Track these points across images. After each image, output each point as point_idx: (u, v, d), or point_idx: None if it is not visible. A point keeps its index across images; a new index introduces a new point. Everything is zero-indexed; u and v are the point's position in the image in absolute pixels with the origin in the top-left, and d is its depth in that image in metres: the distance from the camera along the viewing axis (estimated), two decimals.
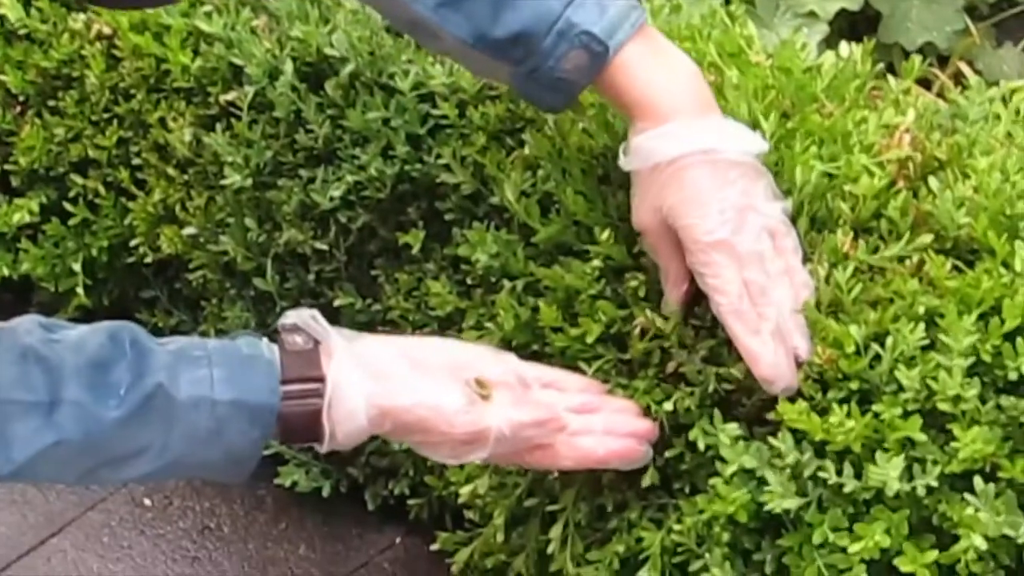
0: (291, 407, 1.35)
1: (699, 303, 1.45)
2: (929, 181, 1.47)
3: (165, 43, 1.81)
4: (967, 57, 2.27)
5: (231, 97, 1.76)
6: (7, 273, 1.99)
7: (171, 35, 1.80)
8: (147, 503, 1.88)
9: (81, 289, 1.95)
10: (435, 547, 1.70)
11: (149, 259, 1.91)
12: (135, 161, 1.89)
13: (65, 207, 1.94)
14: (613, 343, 1.48)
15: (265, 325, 1.78)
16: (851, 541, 1.33)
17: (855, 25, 2.29)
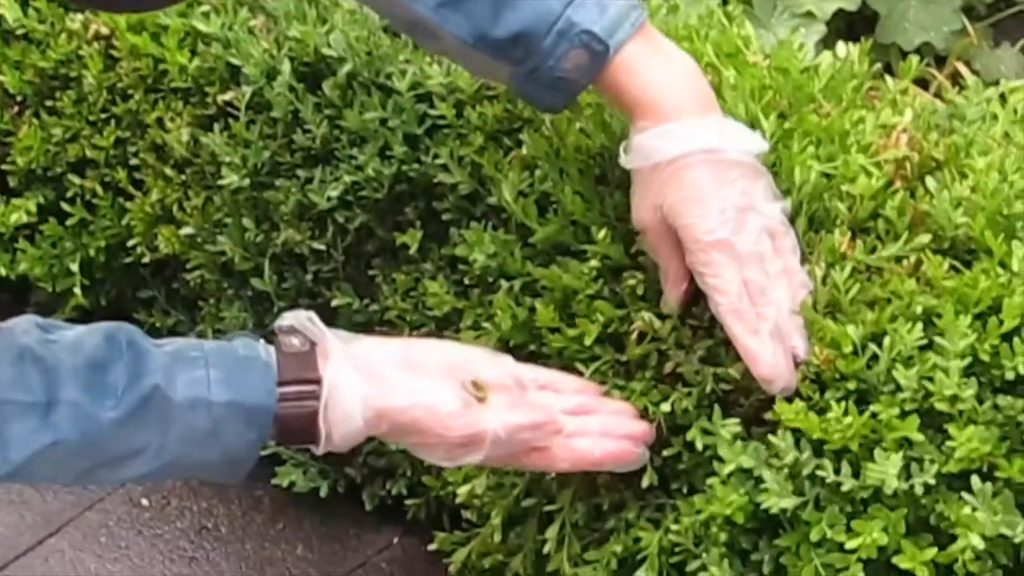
0: (287, 409, 1.35)
1: (697, 303, 1.45)
2: (926, 181, 1.47)
3: (163, 43, 1.81)
4: (964, 57, 2.27)
5: (229, 97, 1.76)
6: (4, 273, 1.99)
7: (169, 35, 1.80)
8: (145, 503, 1.87)
9: (79, 289, 1.95)
10: (433, 547, 1.70)
11: (147, 259, 1.91)
12: (133, 161, 1.89)
13: (63, 207, 1.94)
14: (610, 344, 1.48)
15: (263, 325, 1.78)
16: (848, 538, 1.33)
17: (852, 25, 2.29)
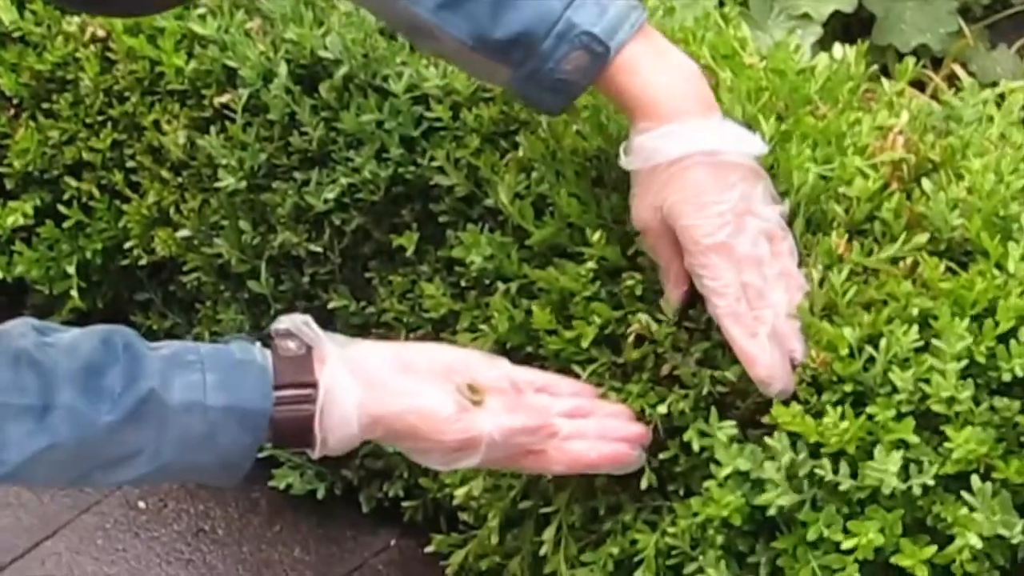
0: (283, 413, 1.35)
1: (694, 306, 1.45)
2: (923, 183, 1.47)
3: (159, 46, 1.81)
4: (961, 59, 2.27)
5: (225, 99, 1.76)
6: (1, 276, 1.98)
7: (165, 38, 1.80)
8: (141, 506, 1.87)
9: (75, 292, 1.95)
10: (430, 549, 1.70)
11: (143, 262, 1.91)
12: (129, 164, 1.89)
13: (59, 210, 1.94)
14: (607, 346, 1.48)
15: (259, 327, 1.78)
16: (846, 539, 1.33)
17: (849, 27, 2.29)
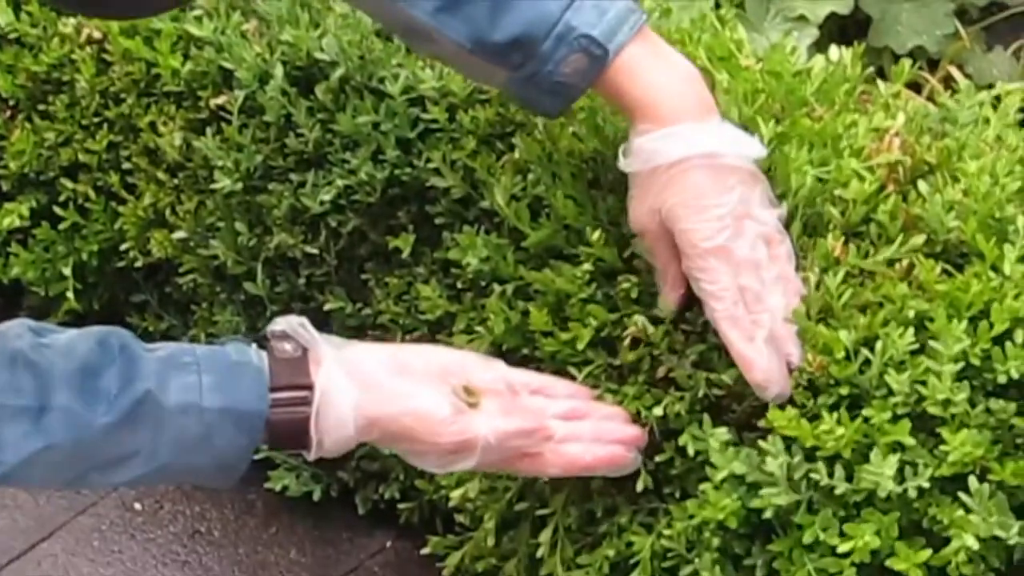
0: (279, 414, 1.35)
1: (690, 308, 1.45)
2: (919, 185, 1.47)
3: (155, 47, 1.81)
4: (957, 61, 2.27)
5: (221, 101, 1.76)
6: None
7: (161, 39, 1.80)
8: (137, 507, 1.87)
9: (71, 293, 1.95)
10: (426, 551, 1.70)
11: (139, 263, 1.91)
12: (125, 165, 1.89)
13: (55, 211, 1.94)
14: (603, 347, 1.48)
15: (255, 329, 1.78)
16: (841, 542, 1.33)
17: (845, 29, 2.29)
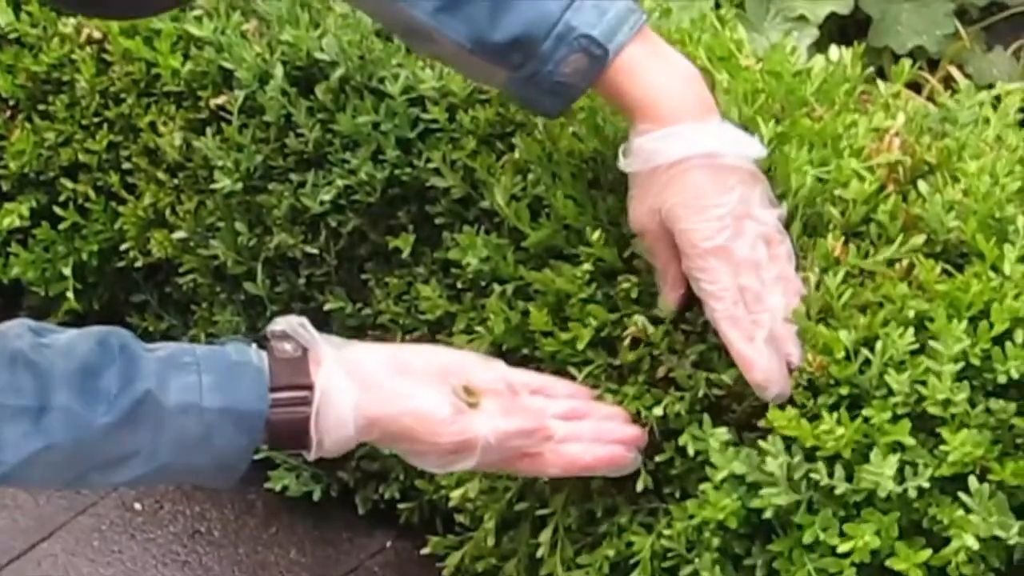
0: (279, 414, 1.35)
1: (690, 308, 1.45)
2: (919, 185, 1.47)
3: (155, 47, 1.81)
4: (957, 61, 2.27)
5: (221, 101, 1.76)
6: None
7: (161, 39, 1.80)
8: (137, 507, 1.87)
9: (71, 293, 1.95)
10: (426, 551, 1.70)
11: (139, 263, 1.91)
12: (125, 165, 1.89)
13: (55, 211, 1.94)
14: (603, 347, 1.48)
15: (255, 329, 1.78)
16: (842, 542, 1.33)
17: (845, 29, 2.29)
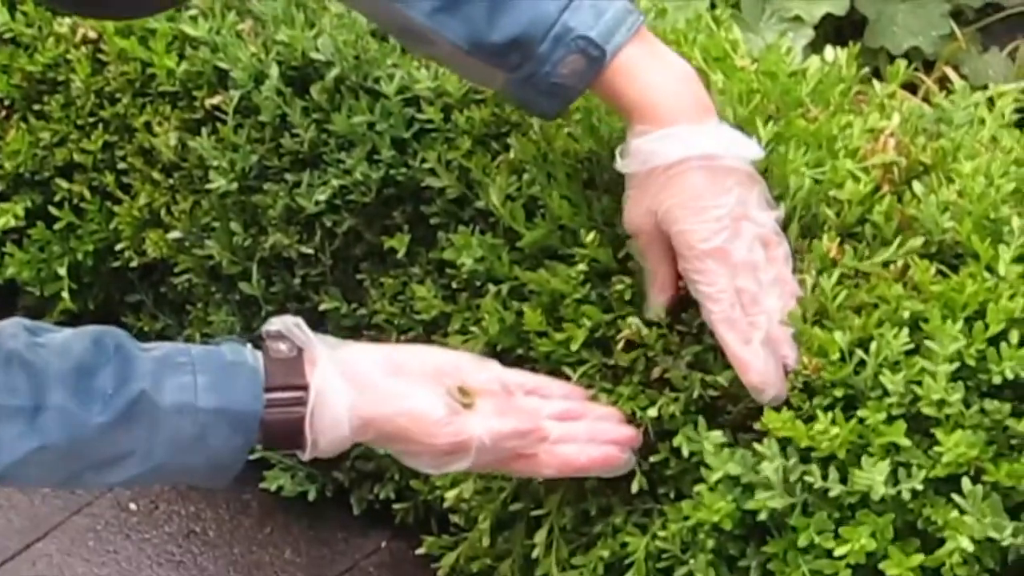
0: (274, 415, 1.35)
1: (685, 309, 1.45)
2: (914, 185, 1.47)
3: (150, 47, 1.81)
4: (953, 61, 2.27)
5: (216, 101, 1.76)
6: None
7: (156, 39, 1.80)
8: (132, 507, 1.87)
9: (66, 293, 1.95)
10: (421, 551, 1.70)
11: (134, 263, 1.90)
12: (120, 165, 1.88)
13: (50, 211, 1.93)
14: (598, 348, 1.48)
15: (250, 329, 1.78)
16: (837, 544, 1.33)
17: (841, 29, 2.29)
